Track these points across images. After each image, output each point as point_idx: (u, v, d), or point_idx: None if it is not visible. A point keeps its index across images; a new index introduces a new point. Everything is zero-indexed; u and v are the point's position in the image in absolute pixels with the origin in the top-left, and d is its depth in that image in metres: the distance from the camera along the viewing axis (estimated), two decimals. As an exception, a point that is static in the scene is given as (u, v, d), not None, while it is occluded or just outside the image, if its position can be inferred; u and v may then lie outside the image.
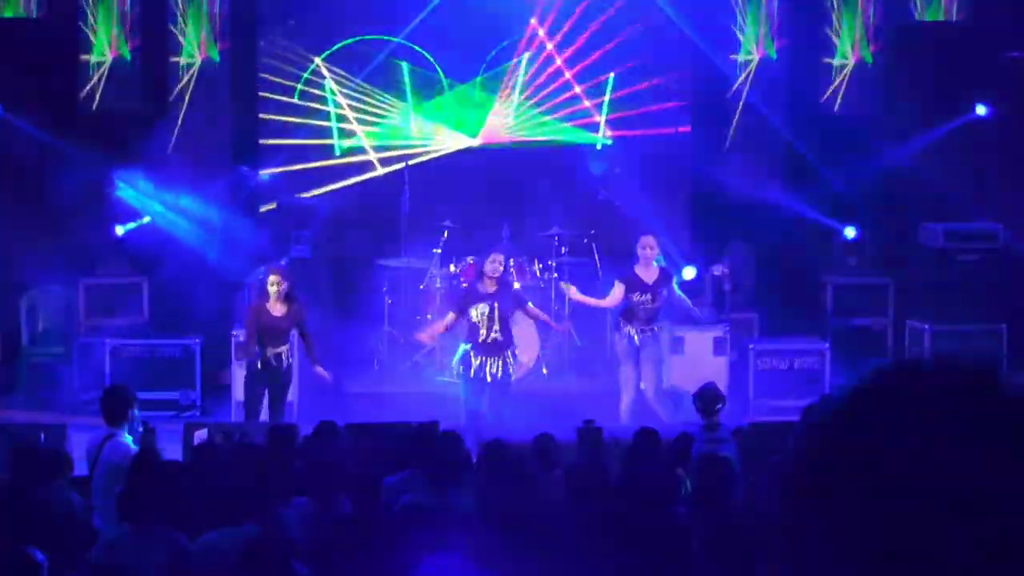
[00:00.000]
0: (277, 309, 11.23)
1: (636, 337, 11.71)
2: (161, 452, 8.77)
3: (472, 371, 11.44)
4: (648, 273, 11.75)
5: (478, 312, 11.39)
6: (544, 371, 13.13)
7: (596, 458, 8.69)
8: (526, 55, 14.82)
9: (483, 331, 11.39)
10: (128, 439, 8.79)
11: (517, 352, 11.76)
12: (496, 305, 11.39)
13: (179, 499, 7.21)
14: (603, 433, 9.46)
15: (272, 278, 11.28)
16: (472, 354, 11.46)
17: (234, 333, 12.86)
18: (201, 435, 10.21)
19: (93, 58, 14.22)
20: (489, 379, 11.43)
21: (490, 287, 11.50)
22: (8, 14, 14.02)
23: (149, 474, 7.46)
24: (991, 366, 1.69)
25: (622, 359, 11.86)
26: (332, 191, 14.57)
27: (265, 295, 11.30)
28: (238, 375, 12.64)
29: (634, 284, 11.70)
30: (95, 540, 7.76)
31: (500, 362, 11.45)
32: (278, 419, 11.00)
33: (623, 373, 11.86)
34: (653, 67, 14.93)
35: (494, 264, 11.52)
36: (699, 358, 12.76)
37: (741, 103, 14.99)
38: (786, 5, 14.94)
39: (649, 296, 11.68)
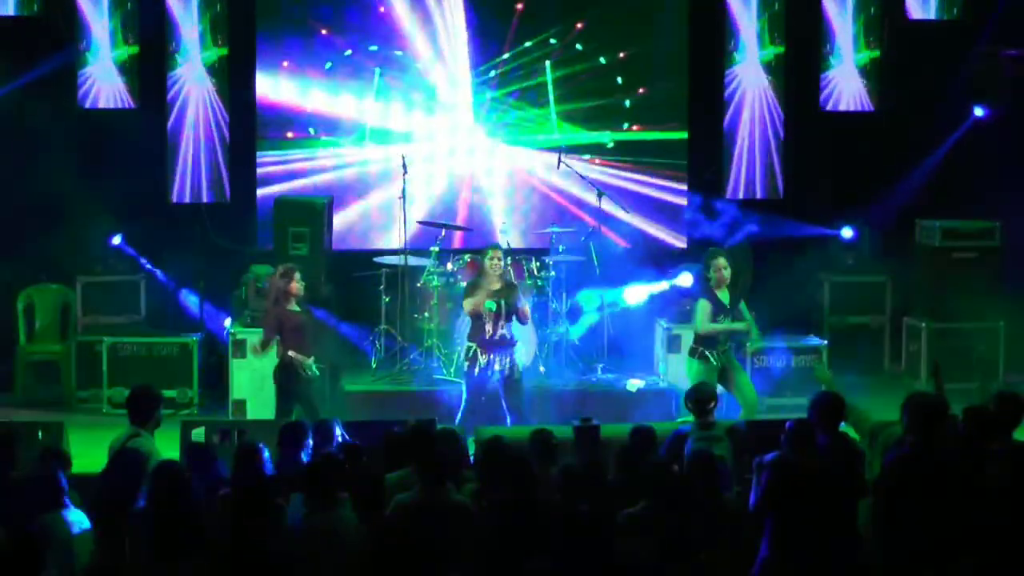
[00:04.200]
0: (295, 309, 11.14)
1: (720, 358, 11.43)
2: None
3: (477, 368, 11.43)
4: (725, 295, 11.58)
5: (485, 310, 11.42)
6: (541, 369, 13.13)
7: (593, 456, 8.70)
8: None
9: (489, 328, 11.42)
10: (151, 438, 8.84)
11: (520, 349, 11.75)
12: (503, 304, 11.41)
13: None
14: (600, 431, 9.47)
15: (297, 274, 11.16)
16: (479, 352, 11.46)
17: (231, 331, 12.85)
18: (198, 433, 10.23)
19: (91, 56, 14.22)
20: (498, 376, 11.44)
21: (495, 284, 11.50)
22: (8, 12, 14.03)
23: None
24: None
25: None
26: (330, 187, 14.56)
27: (286, 296, 11.14)
28: (237, 374, 12.67)
29: (717, 308, 11.50)
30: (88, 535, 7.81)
31: (508, 358, 11.47)
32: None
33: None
34: (651, 64, 14.94)
35: (494, 260, 11.53)
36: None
37: (738, 101, 15.00)
38: (785, 4, 14.93)
39: (730, 319, 11.49)
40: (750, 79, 14.98)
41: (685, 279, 13.19)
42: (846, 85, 15.04)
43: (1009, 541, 7.39)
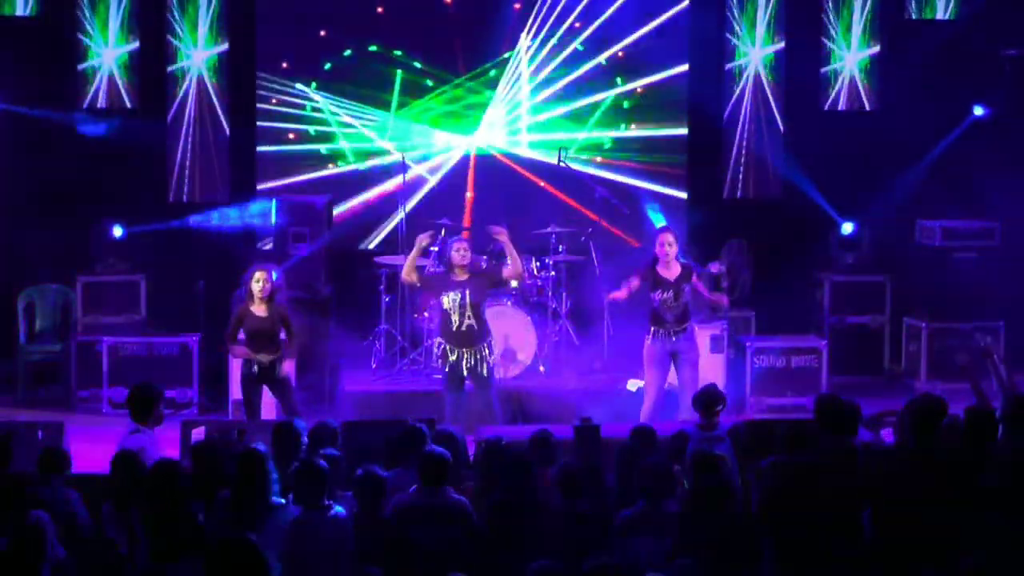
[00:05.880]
0: (260, 310, 11.17)
1: (670, 339, 11.44)
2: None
3: (447, 365, 11.40)
4: (669, 271, 11.53)
5: (449, 300, 11.38)
6: (541, 369, 13.14)
7: (593, 456, 8.70)
8: (523, 56, 14.83)
9: (455, 319, 11.37)
10: (150, 433, 8.91)
11: (494, 345, 11.61)
12: (468, 292, 11.37)
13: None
14: (600, 431, 9.47)
15: (257, 275, 11.21)
16: (447, 348, 11.43)
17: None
18: (198, 433, 10.23)
19: (91, 58, 14.21)
20: (466, 372, 11.37)
21: (461, 275, 11.48)
22: (7, 12, 14.02)
23: None
24: None
25: (648, 363, 11.51)
26: (329, 187, 14.57)
27: (250, 295, 11.24)
28: (235, 374, 12.66)
29: (655, 282, 11.45)
30: (89, 534, 7.81)
31: (476, 355, 11.37)
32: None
33: (648, 377, 11.55)
34: (649, 64, 14.96)
35: (460, 252, 11.50)
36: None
37: (736, 100, 15.00)
38: (783, 4, 14.94)
39: (672, 294, 11.40)
40: (750, 76, 14.98)
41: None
42: (846, 84, 15.04)
43: (1009, 541, 7.39)
